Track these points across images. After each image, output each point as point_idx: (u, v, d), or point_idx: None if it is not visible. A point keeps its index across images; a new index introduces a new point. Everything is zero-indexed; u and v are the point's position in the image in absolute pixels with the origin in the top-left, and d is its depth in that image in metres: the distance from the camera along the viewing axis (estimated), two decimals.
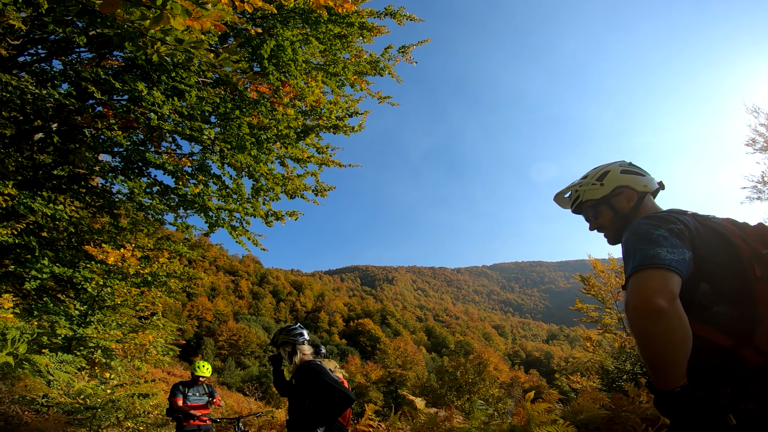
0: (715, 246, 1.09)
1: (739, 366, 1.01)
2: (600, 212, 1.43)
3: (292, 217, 6.48)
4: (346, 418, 2.86)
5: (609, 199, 1.40)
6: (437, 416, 3.58)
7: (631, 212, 1.36)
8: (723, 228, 1.12)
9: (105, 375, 5.49)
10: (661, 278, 0.97)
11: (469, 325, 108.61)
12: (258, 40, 5.24)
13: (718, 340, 1.03)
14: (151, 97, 4.97)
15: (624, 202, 1.38)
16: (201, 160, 6.29)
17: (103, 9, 1.37)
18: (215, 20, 1.56)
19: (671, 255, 1.01)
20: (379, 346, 41.11)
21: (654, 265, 0.99)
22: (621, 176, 1.39)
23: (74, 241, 6.26)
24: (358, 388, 28.02)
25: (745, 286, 1.02)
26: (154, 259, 6.35)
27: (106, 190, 6.64)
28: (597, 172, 1.45)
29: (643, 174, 1.39)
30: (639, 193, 1.36)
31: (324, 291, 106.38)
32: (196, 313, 62.74)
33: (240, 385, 35.52)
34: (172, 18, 1.41)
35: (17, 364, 3.54)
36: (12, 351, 3.44)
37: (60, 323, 4.86)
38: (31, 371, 3.67)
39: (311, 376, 2.58)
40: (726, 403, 1.00)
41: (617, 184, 1.38)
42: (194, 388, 4.57)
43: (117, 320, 5.80)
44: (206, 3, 1.45)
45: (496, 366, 28.03)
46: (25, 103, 5.14)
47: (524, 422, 2.71)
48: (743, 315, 1.01)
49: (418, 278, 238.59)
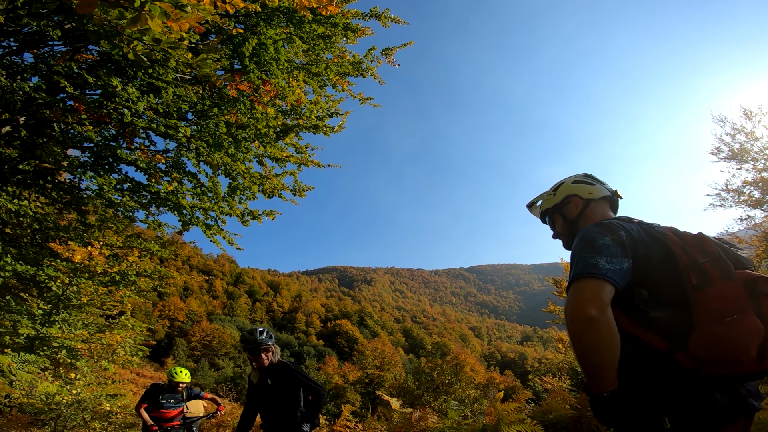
0: (656, 254, 1.15)
1: (674, 370, 1.05)
2: (555, 220, 1.56)
3: (270, 216, 6.42)
4: None
5: (561, 208, 1.52)
6: (412, 416, 3.66)
7: (577, 218, 1.47)
8: (664, 237, 1.18)
9: (70, 375, 5.28)
10: (594, 288, 1.04)
11: (447, 326, 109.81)
12: (240, 38, 5.19)
13: (654, 343, 1.08)
14: (126, 93, 4.82)
15: (572, 209, 1.49)
16: (176, 158, 6.14)
17: (80, 9, 1.36)
18: (195, 21, 1.57)
19: (609, 265, 1.08)
20: (356, 347, 40.96)
21: (591, 275, 1.06)
22: (571, 186, 1.52)
23: (38, 238, 5.98)
24: (335, 389, 27.84)
25: (682, 293, 1.07)
26: (124, 257, 6.14)
27: (74, 186, 6.37)
28: (555, 185, 1.59)
29: (593, 183, 1.50)
30: (584, 200, 1.47)
31: (301, 291, 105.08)
32: (168, 313, 60.75)
33: (214, 386, 34.61)
34: (149, 19, 1.41)
35: None
36: None
37: (22, 323, 4.65)
38: None
39: (292, 373, 2.78)
40: (662, 405, 1.05)
41: (567, 193, 1.51)
42: (170, 394, 4.43)
43: (83, 320, 5.58)
44: (185, 6, 1.46)
45: (472, 367, 28.48)
46: None
47: (495, 422, 2.82)
48: (679, 320, 1.05)
49: (396, 279, 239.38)
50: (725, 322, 0.99)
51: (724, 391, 1.03)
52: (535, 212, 1.69)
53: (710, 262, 1.08)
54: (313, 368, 39.41)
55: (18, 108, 5.48)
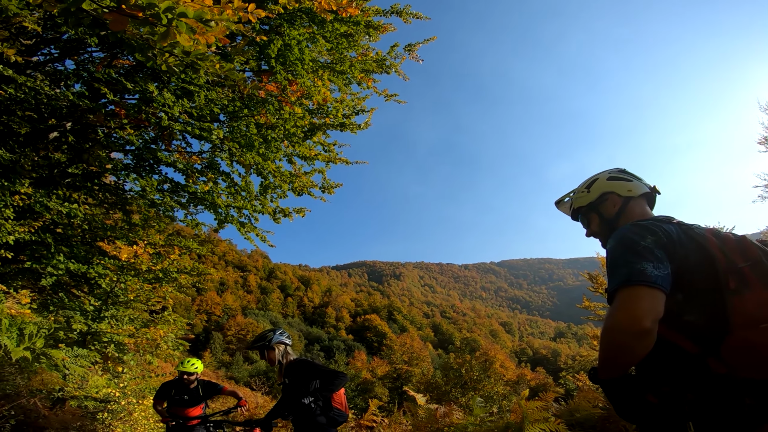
0: (694, 257, 1.10)
1: (704, 374, 1.03)
2: (590, 219, 1.48)
3: (300, 213, 6.56)
4: (342, 404, 2.97)
5: (596, 206, 1.45)
6: (437, 412, 3.65)
7: (616, 217, 1.40)
8: (704, 239, 1.13)
9: (117, 369, 5.65)
10: (650, 298, 0.99)
11: (476, 321, 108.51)
12: (265, 40, 5.29)
13: (685, 347, 1.06)
14: (162, 98, 5.05)
15: (610, 208, 1.41)
16: (210, 158, 6.38)
17: (113, 26, 1.44)
18: (220, 34, 1.62)
19: (657, 271, 1.03)
20: (385, 341, 41.36)
21: (643, 283, 1.01)
22: (607, 183, 1.43)
23: (88, 238, 6.40)
24: (363, 383, 28.23)
25: (718, 298, 1.03)
26: (166, 255, 6.48)
27: (118, 188, 6.78)
28: (587, 181, 1.51)
29: (630, 180, 1.42)
30: (623, 198, 1.39)
31: (331, 286, 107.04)
32: (206, 307, 63.64)
33: (247, 379, 36.02)
34: (178, 34, 1.47)
35: (34, 358, 3.67)
36: (29, 345, 3.57)
37: (75, 318, 5.00)
38: (48, 365, 3.80)
39: (307, 366, 2.88)
40: (688, 410, 1.04)
41: (603, 190, 1.43)
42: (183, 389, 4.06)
43: (129, 315, 5.94)
44: (210, 21, 1.52)
45: (502, 363, 27.99)
46: (40, 103, 5.25)
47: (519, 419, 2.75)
48: (713, 325, 1.02)
49: (425, 274, 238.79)
50: (761, 328, 0.96)
51: (754, 397, 0.99)
52: (564, 209, 1.62)
53: (751, 267, 1.04)
54: (342, 363, 40.12)
55: (64, 113, 5.85)
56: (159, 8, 1.56)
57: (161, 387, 4.10)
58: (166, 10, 1.57)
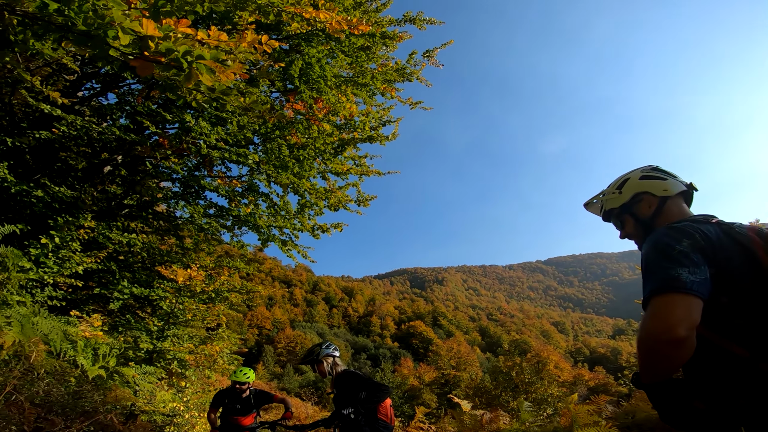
0: (737, 258, 1.05)
1: (756, 379, 0.98)
2: (624, 221, 1.41)
3: (337, 228, 6.74)
4: (388, 415, 3.00)
5: (630, 207, 1.38)
6: (483, 418, 3.58)
7: (652, 218, 1.33)
8: (746, 239, 1.08)
9: (181, 384, 6.07)
10: (684, 306, 0.95)
11: (525, 322, 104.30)
12: (287, 59, 5.54)
13: (736, 351, 1.02)
14: (199, 127, 5.42)
15: (645, 209, 1.34)
16: (249, 181, 6.76)
17: (140, 72, 1.63)
18: (238, 70, 1.76)
19: (693, 276, 0.99)
20: (431, 347, 40.88)
21: (677, 290, 0.97)
22: (640, 183, 1.36)
23: (148, 263, 6.97)
24: (411, 390, 28.01)
25: (766, 299, 0.99)
26: (216, 276, 6.91)
27: (170, 215, 7.34)
28: (618, 181, 1.43)
29: (665, 178, 1.34)
30: (659, 197, 1.32)
31: (374, 295, 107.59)
32: (256, 322, 66.19)
33: (298, 390, 36.91)
34: (200, 74, 1.63)
35: (108, 376, 4.07)
36: (103, 364, 3.96)
37: (142, 338, 5.46)
38: (120, 382, 4.20)
39: (352, 378, 3.00)
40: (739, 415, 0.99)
41: (636, 191, 1.36)
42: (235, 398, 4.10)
43: (189, 333, 6.38)
44: (226, 60, 1.66)
45: (556, 364, 26.69)
46: (92, 139, 5.76)
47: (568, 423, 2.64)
48: (764, 329, 0.98)
49: (468, 277, 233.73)
50: None
51: None
52: (594, 210, 1.54)
53: None
54: (388, 371, 40.04)
55: (114, 147, 6.38)
56: (178, 52, 1.70)
57: (216, 396, 4.19)
58: (185, 54, 1.71)
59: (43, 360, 3.01)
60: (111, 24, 1.70)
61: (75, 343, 3.78)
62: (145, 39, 1.73)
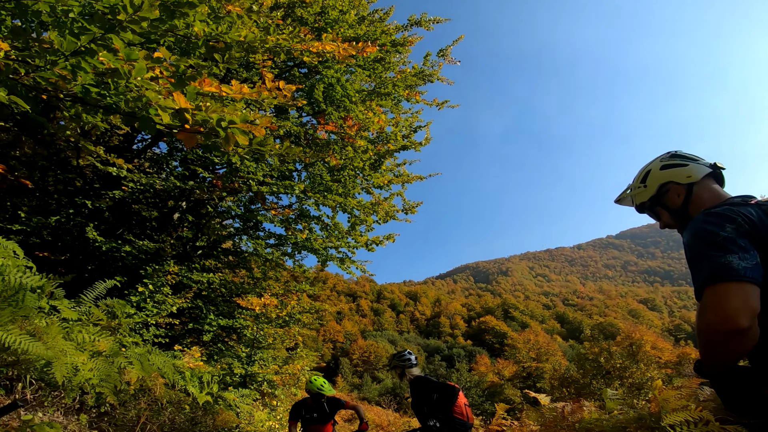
0: None
1: None
2: (658, 213, 1.38)
3: (390, 239, 6.98)
4: (464, 414, 3.10)
5: (659, 199, 1.35)
6: (564, 410, 3.50)
7: (684, 207, 1.28)
8: None
9: (273, 403, 6.65)
10: (742, 294, 0.91)
11: (608, 303, 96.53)
12: (308, 83, 5.87)
13: None
14: (245, 167, 5.91)
15: (674, 199, 1.31)
16: (300, 208, 7.25)
17: (186, 144, 1.93)
18: (267, 123, 2.04)
19: (744, 263, 0.94)
20: (506, 341, 39.49)
21: (730, 278, 0.93)
22: (662, 173, 1.33)
23: (227, 297, 7.73)
24: (491, 387, 27.24)
25: None
26: (287, 301, 7.49)
27: (237, 250, 8.08)
28: (640, 174, 1.41)
29: (686, 164, 1.29)
30: (685, 185, 1.28)
31: (439, 296, 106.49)
32: (329, 336, 68.57)
33: (377, 398, 37.52)
34: (236, 136, 1.92)
35: (214, 401, 4.64)
36: (209, 391, 4.54)
37: (234, 364, 6.10)
38: (224, 406, 4.77)
39: (422, 383, 3.22)
40: None
41: (660, 182, 1.33)
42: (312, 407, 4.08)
43: (272, 355, 6.99)
44: (255, 120, 1.93)
45: (653, 345, 24.37)
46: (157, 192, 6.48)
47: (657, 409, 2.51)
48: None
49: (534, 264, 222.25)
50: None
51: None
52: (626, 204, 1.52)
53: None
54: (464, 370, 39.24)
55: (176, 195, 7.08)
56: (212, 121, 1.94)
57: (293, 408, 4.14)
58: (219, 121, 1.94)
59: (164, 392, 3.56)
60: (149, 103, 1.95)
61: (183, 373, 4.38)
62: (181, 111, 1.97)
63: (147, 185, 5.81)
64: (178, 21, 2.27)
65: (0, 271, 2.77)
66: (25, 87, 2.03)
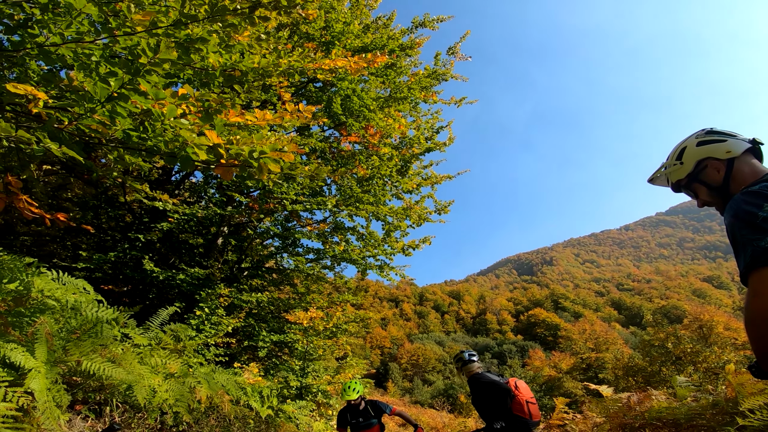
0: None
1: None
2: (696, 190, 1.34)
3: (426, 243, 7.01)
4: (524, 411, 3.04)
5: (696, 176, 1.31)
6: (630, 400, 3.35)
7: (725, 183, 1.24)
8: None
9: (328, 413, 6.84)
10: None
11: (668, 285, 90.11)
12: (325, 96, 6.03)
13: None
14: (277, 188, 6.17)
15: (714, 174, 1.26)
16: (334, 221, 7.45)
17: (224, 177, 2.08)
18: (295, 148, 2.17)
19: None
20: (560, 333, 37.82)
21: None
22: (698, 149, 1.29)
23: (276, 313, 8.07)
24: (549, 381, 26.17)
25: None
26: (332, 313, 7.70)
27: (279, 268, 8.42)
28: (675, 151, 1.37)
29: (724, 139, 1.25)
30: (725, 161, 1.23)
31: (483, 292, 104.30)
32: (376, 343, 68.96)
33: (430, 401, 37.13)
34: (268, 165, 2.05)
35: (275, 414, 4.88)
36: (270, 404, 4.77)
37: (290, 377, 6.35)
38: (284, 418, 4.99)
39: (474, 382, 3.30)
40: None
41: (697, 158, 1.29)
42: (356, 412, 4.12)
43: (323, 366, 7.20)
44: (283, 148, 2.07)
45: (726, 325, 22.41)
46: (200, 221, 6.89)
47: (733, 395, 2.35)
48: None
49: (580, 251, 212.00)
50: None
51: None
52: (661, 183, 1.46)
53: None
54: (516, 366, 37.96)
55: (217, 221, 7.48)
56: (245, 153, 2.06)
57: (339, 416, 4.18)
58: (250, 153, 2.07)
59: (230, 408, 3.80)
60: (186, 143, 2.08)
61: (245, 389, 4.64)
62: (215, 147, 2.05)
63: (190, 215, 6.22)
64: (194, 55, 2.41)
65: (76, 307, 3.11)
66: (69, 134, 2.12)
